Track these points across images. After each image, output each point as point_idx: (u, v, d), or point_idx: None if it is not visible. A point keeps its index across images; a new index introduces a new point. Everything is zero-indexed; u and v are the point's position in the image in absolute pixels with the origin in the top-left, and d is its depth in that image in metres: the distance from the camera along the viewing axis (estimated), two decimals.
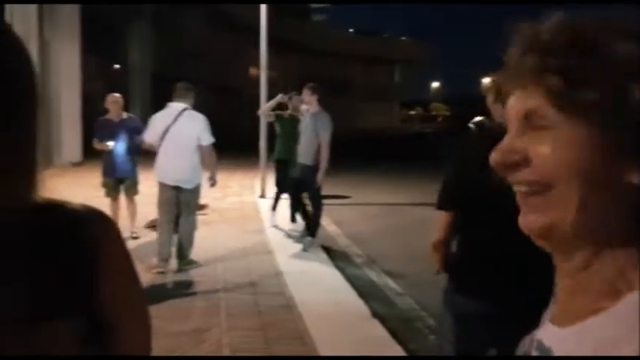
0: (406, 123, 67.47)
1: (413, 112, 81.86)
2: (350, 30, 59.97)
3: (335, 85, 38.30)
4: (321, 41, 45.25)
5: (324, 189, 7.10)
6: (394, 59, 56.38)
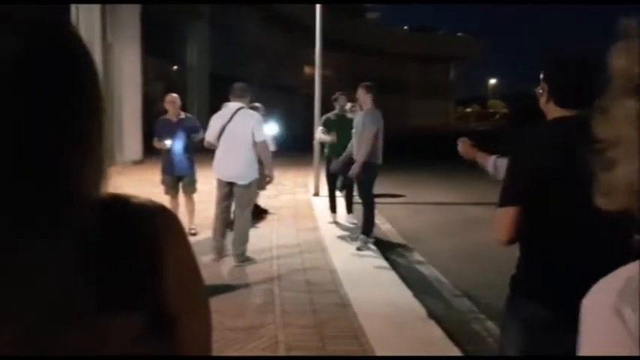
0: (461, 121, 66.27)
1: (469, 110, 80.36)
2: (404, 27, 59.44)
3: (389, 83, 38.05)
4: (375, 39, 45.01)
5: (378, 188, 7.05)
6: (450, 56, 55.51)
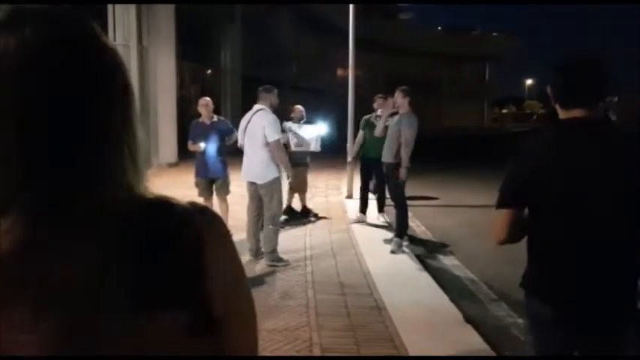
0: (497, 122, 65.33)
1: (505, 111, 79.14)
2: (438, 28, 58.90)
3: (423, 84, 37.75)
4: (409, 40, 44.74)
5: (412, 190, 6.98)
6: (485, 56, 54.74)
